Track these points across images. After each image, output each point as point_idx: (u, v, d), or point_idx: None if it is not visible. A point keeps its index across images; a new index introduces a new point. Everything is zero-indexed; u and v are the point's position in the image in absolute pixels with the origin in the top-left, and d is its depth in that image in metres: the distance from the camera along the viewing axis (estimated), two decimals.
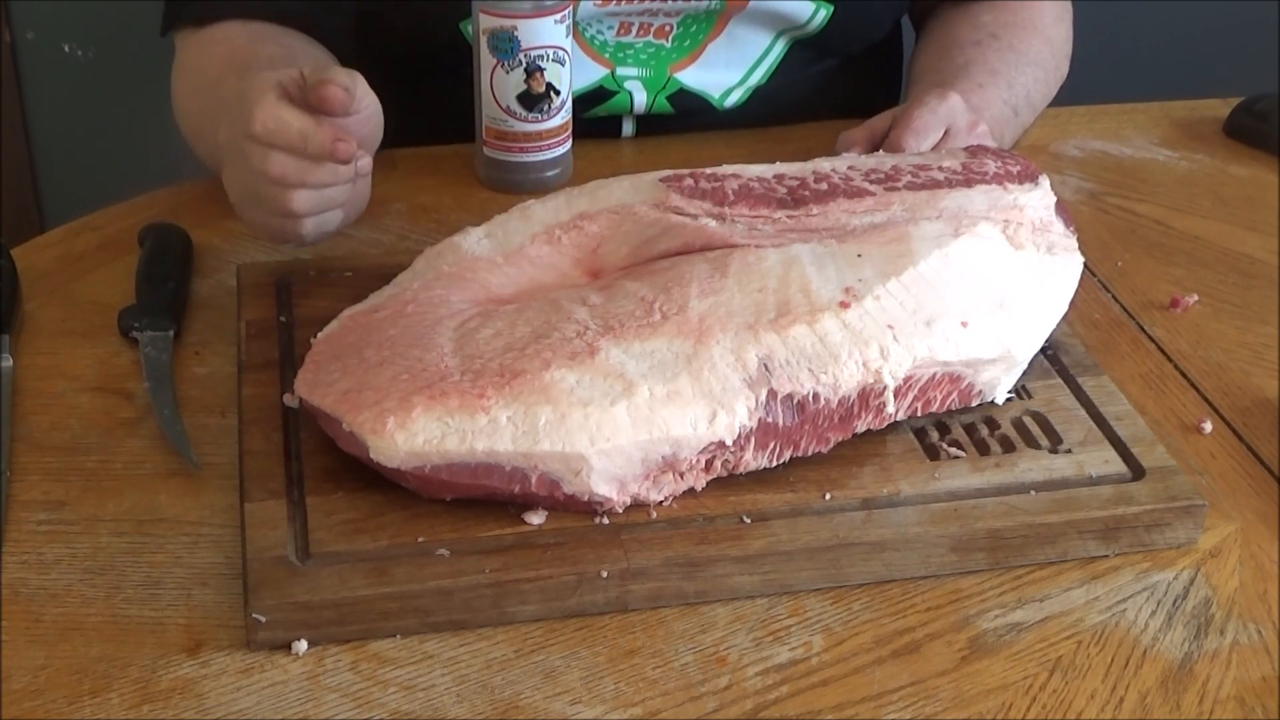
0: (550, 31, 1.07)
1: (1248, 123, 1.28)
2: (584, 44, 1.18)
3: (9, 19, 1.89)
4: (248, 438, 0.83)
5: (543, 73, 1.08)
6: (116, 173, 1.93)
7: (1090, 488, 0.82)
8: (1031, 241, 0.90)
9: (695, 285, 0.83)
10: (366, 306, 0.87)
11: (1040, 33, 1.24)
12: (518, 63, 1.07)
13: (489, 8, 1.06)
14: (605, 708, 0.71)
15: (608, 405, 0.76)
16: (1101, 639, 0.76)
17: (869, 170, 0.94)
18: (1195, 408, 0.94)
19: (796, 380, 0.79)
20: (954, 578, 0.79)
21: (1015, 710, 0.72)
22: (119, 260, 1.03)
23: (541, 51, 1.07)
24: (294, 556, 0.75)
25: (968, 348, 0.83)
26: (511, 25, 1.06)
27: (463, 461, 0.76)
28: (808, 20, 1.20)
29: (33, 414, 0.88)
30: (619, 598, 0.76)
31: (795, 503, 0.80)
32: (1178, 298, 1.04)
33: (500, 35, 1.06)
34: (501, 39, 1.06)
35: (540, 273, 0.89)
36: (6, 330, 0.94)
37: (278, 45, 1.09)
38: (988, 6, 1.25)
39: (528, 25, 1.06)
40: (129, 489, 0.83)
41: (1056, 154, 1.25)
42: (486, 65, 1.08)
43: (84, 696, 0.70)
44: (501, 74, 1.08)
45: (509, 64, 1.07)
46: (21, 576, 0.77)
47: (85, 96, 1.95)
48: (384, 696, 0.71)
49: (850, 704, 0.72)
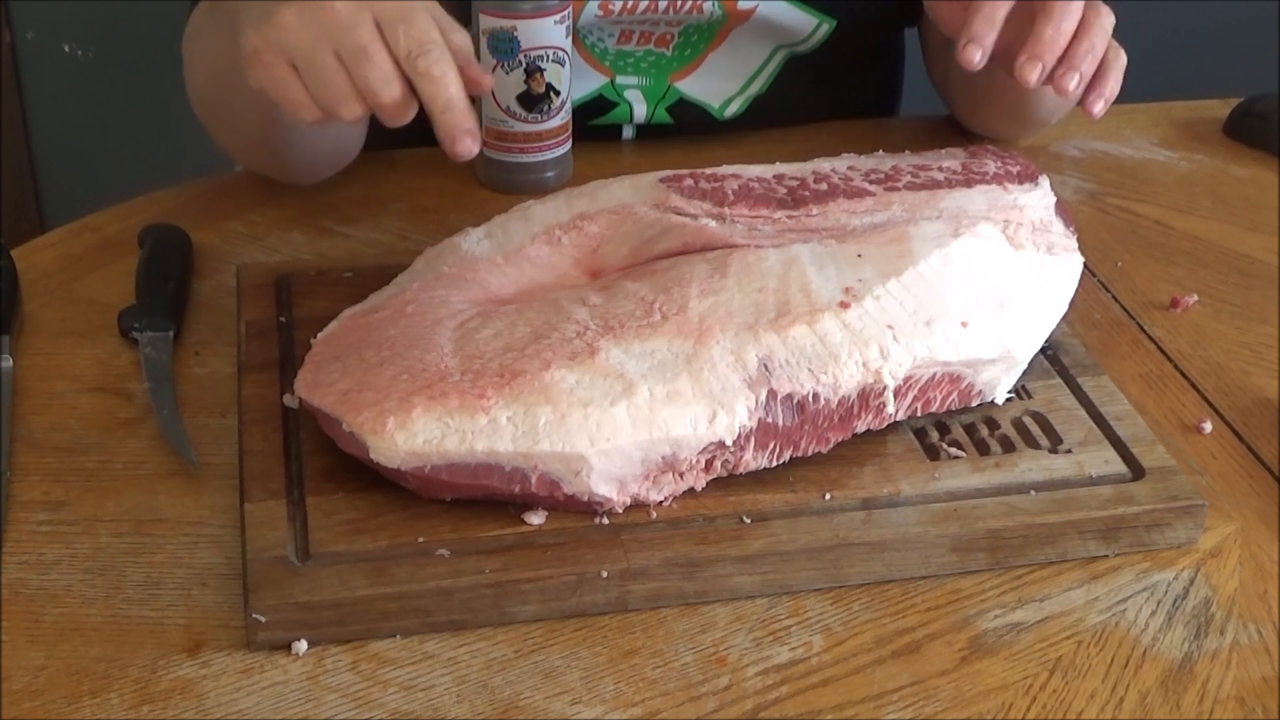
0: (550, 32, 1.07)
1: (1248, 123, 1.28)
2: (584, 52, 1.18)
3: (9, 19, 1.89)
4: (248, 438, 0.83)
5: (543, 73, 1.08)
6: (116, 173, 1.93)
7: (1090, 488, 0.82)
8: (1031, 241, 0.90)
9: (695, 285, 0.83)
10: (366, 307, 0.87)
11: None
12: (518, 63, 1.07)
13: (489, 8, 1.06)
14: (605, 708, 0.71)
15: (608, 405, 0.76)
16: (1101, 639, 0.76)
17: (869, 170, 0.94)
18: (1195, 408, 0.94)
19: (796, 380, 0.79)
20: (954, 578, 0.79)
21: (1015, 710, 0.72)
22: (119, 260, 1.03)
23: (541, 52, 1.07)
24: (294, 557, 0.75)
25: (968, 348, 0.83)
26: (511, 26, 1.06)
27: (463, 461, 0.76)
28: (809, 35, 1.20)
29: (33, 414, 0.88)
30: (619, 598, 0.76)
31: (795, 503, 0.80)
32: (1178, 298, 1.04)
33: (500, 36, 1.06)
34: (501, 39, 1.06)
35: (540, 273, 0.89)
36: (6, 331, 0.94)
37: None
38: None
39: (528, 26, 1.06)
40: (129, 489, 0.83)
41: (1056, 154, 1.25)
42: (486, 66, 1.07)
43: (84, 696, 0.70)
44: (501, 74, 1.08)
45: (509, 64, 1.07)
46: (21, 576, 0.77)
47: (85, 96, 1.95)
48: (384, 696, 0.71)
49: (850, 704, 0.72)
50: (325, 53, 0.83)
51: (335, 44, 0.83)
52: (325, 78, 0.83)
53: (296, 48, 0.84)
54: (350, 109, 0.83)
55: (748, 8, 1.16)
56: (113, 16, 1.89)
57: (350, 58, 0.83)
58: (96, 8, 1.89)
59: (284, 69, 0.85)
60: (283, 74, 0.85)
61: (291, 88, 0.85)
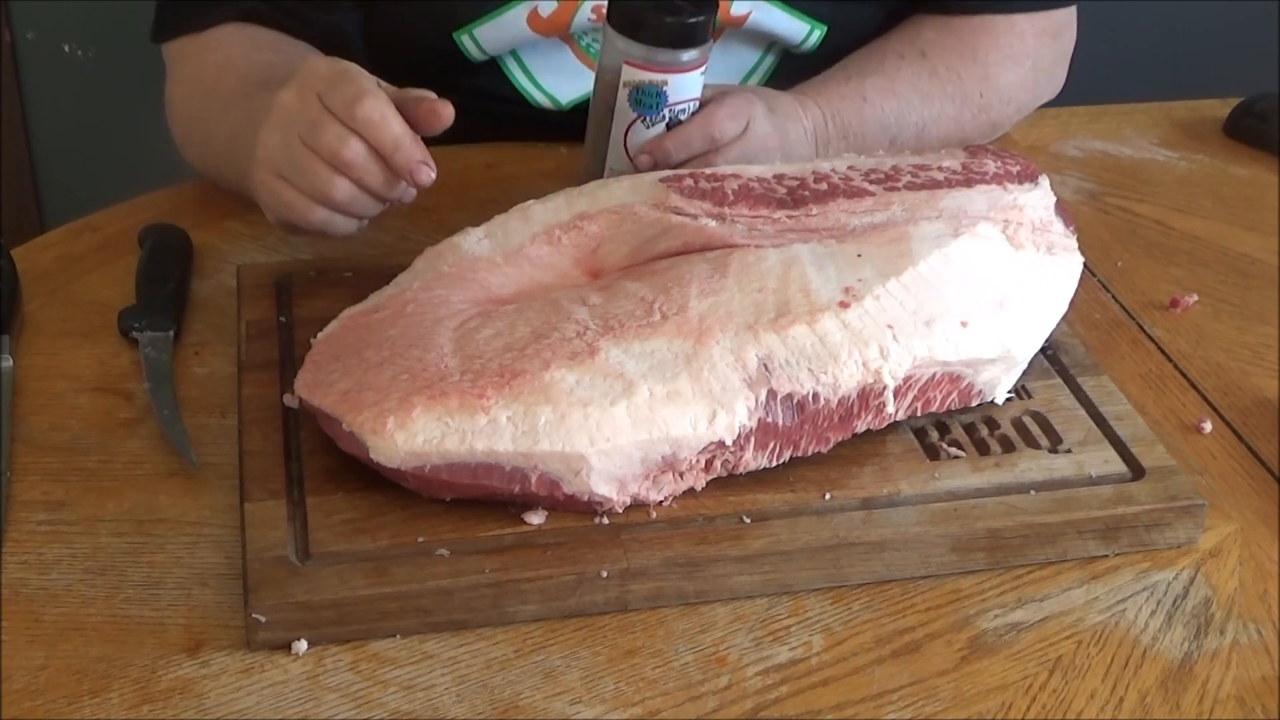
0: (695, 84, 1.01)
1: (1248, 123, 1.28)
2: (579, 54, 1.18)
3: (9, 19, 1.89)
4: (248, 438, 0.83)
5: (681, 125, 1.02)
6: (116, 173, 1.93)
7: (1090, 488, 0.82)
8: (1031, 241, 0.90)
9: (695, 285, 0.83)
10: (366, 307, 0.87)
11: (977, 64, 1.17)
12: (661, 118, 1.01)
13: (637, 61, 0.99)
14: (605, 708, 0.71)
15: (608, 405, 0.76)
16: (1101, 639, 0.76)
17: (869, 170, 0.94)
18: (1195, 408, 0.94)
19: (796, 380, 0.79)
20: (954, 578, 0.79)
21: (1015, 710, 0.72)
22: (119, 260, 1.03)
23: (685, 105, 1.01)
24: (294, 556, 0.75)
25: (968, 348, 0.83)
26: (661, 80, 0.99)
27: (463, 461, 0.76)
28: (802, 40, 1.19)
29: (33, 414, 0.88)
30: (619, 598, 0.76)
31: (795, 503, 0.80)
32: (1178, 298, 1.04)
33: (648, 90, 1.00)
34: (649, 94, 1.00)
35: (540, 273, 0.89)
36: (6, 330, 0.94)
37: (276, 53, 1.09)
38: (941, 23, 1.18)
39: (678, 80, 1.00)
40: (129, 489, 0.83)
41: (1056, 154, 1.25)
42: (623, 117, 1.01)
43: (84, 696, 0.70)
44: (640, 128, 1.01)
45: (652, 119, 1.01)
46: (21, 576, 0.77)
47: (85, 96, 1.95)
48: (384, 696, 0.71)
49: (850, 704, 0.72)
50: (294, 145, 0.90)
51: (298, 133, 0.89)
52: (299, 166, 0.90)
53: (274, 154, 0.91)
54: (332, 187, 0.89)
55: (741, 14, 1.16)
56: (113, 16, 1.88)
57: (308, 136, 0.88)
58: (96, 8, 1.89)
59: (276, 182, 0.91)
60: (276, 186, 0.92)
61: (285, 194, 0.91)
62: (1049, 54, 1.21)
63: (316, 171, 0.89)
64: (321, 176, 0.89)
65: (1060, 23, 1.21)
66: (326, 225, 0.93)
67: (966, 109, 1.17)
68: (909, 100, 1.14)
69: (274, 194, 0.92)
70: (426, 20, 1.16)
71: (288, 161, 0.90)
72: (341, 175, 0.89)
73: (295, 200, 0.91)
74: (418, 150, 0.88)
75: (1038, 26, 1.19)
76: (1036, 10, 1.19)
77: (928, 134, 1.15)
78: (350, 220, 0.93)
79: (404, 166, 0.88)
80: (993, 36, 1.18)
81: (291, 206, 0.92)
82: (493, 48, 1.16)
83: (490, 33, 1.15)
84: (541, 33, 1.14)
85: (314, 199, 0.90)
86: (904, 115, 1.14)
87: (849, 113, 1.11)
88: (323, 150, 0.88)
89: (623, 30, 0.98)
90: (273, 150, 0.92)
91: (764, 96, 1.07)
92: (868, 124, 1.12)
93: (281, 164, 0.91)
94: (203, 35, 1.11)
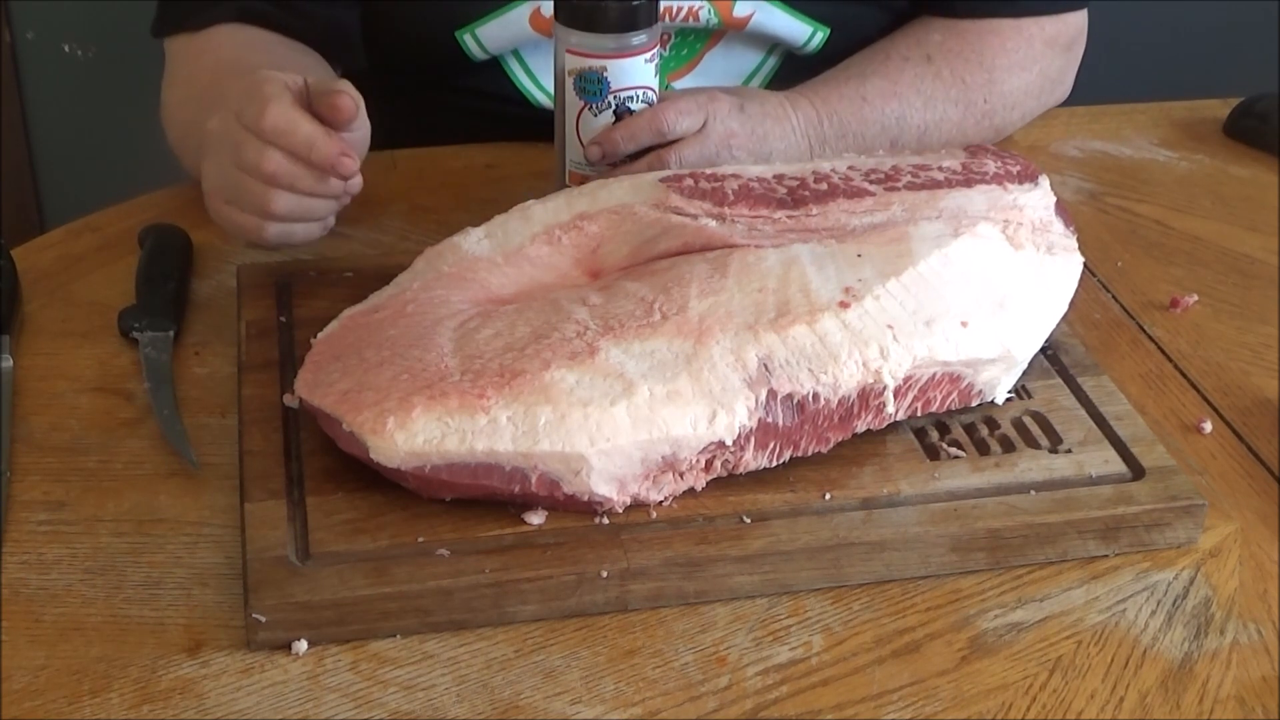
0: (640, 71, 1.00)
1: (1248, 123, 1.28)
2: None
3: (9, 19, 1.89)
4: (248, 438, 0.83)
5: (632, 114, 1.02)
6: (116, 173, 1.93)
7: (1090, 488, 0.82)
8: (1031, 241, 0.90)
9: (695, 285, 0.83)
10: (366, 307, 0.87)
11: (983, 69, 1.16)
12: (606, 105, 1.01)
13: (575, 48, 0.99)
14: (605, 708, 0.71)
15: (608, 405, 0.76)
16: (1101, 639, 0.76)
17: (869, 170, 0.94)
18: (1195, 408, 0.94)
19: (796, 380, 0.79)
20: (954, 578, 0.79)
21: (1015, 710, 0.72)
22: (119, 260, 1.03)
23: (631, 92, 1.01)
24: (294, 556, 0.75)
25: (968, 348, 0.83)
26: (601, 66, 0.99)
27: (463, 461, 0.76)
28: (805, 42, 1.19)
29: (33, 414, 0.88)
30: (619, 598, 0.76)
31: (795, 503, 0.80)
32: (1178, 298, 1.04)
33: (588, 76, 0.99)
34: (590, 80, 1.00)
35: (540, 273, 0.89)
36: (7, 331, 0.94)
37: (268, 55, 1.09)
38: (948, 26, 1.18)
39: (618, 65, 0.99)
40: (129, 489, 0.83)
41: (1056, 154, 1.25)
42: (573, 108, 1.01)
43: (84, 696, 0.70)
44: (589, 116, 1.01)
45: (597, 106, 1.01)
46: (21, 576, 0.77)
47: (85, 96, 1.95)
48: (384, 696, 0.71)
49: (850, 704, 0.72)
50: (228, 170, 0.92)
51: (229, 158, 0.91)
52: (238, 189, 0.92)
53: (215, 183, 0.94)
54: (270, 201, 0.91)
55: (743, 16, 1.16)
56: (113, 16, 1.89)
57: (235, 158, 0.90)
58: (96, 8, 1.89)
59: (225, 209, 0.94)
60: (226, 213, 0.94)
61: (236, 218, 0.94)
62: (1058, 62, 1.21)
63: (252, 190, 0.91)
64: (258, 194, 0.91)
65: (1072, 33, 1.21)
66: (287, 238, 0.94)
67: (970, 114, 1.17)
68: (911, 103, 1.14)
69: (227, 220, 0.95)
70: (429, 19, 1.16)
71: (228, 187, 0.92)
72: (276, 188, 0.90)
73: (246, 222, 0.93)
74: (333, 145, 0.89)
75: (1047, 33, 1.19)
76: (1045, 14, 1.19)
77: (930, 137, 1.15)
78: (310, 225, 0.95)
79: (324, 164, 0.89)
80: (1000, 40, 1.18)
81: (245, 229, 0.94)
82: (495, 47, 1.16)
83: (492, 32, 1.15)
84: (544, 33, 1.14)
85: (261, 217, 0.92)
86: (905, 118, 1.14)
87: (848, 112, 1.11)
88: (250, 169, 0.90)
89: (561, 18, 0.99)
90: (213, 179, 0.94)
91: (739, 95, 1.07)
92: (868, 124, 1.12)
93: (224, 190, 0.93)
94: (200, 35, 1.11)
